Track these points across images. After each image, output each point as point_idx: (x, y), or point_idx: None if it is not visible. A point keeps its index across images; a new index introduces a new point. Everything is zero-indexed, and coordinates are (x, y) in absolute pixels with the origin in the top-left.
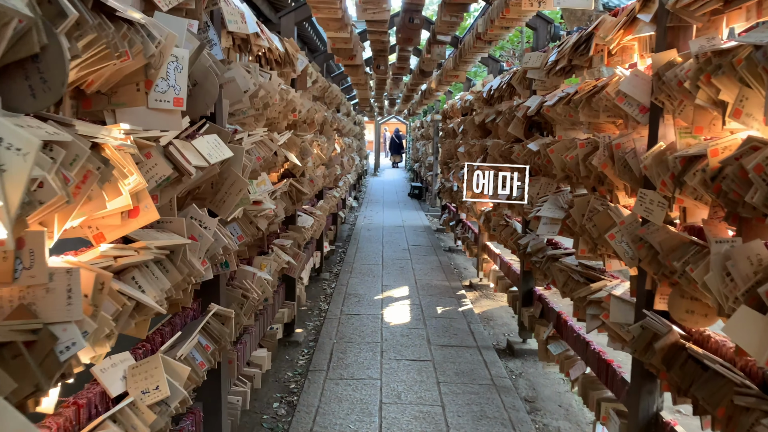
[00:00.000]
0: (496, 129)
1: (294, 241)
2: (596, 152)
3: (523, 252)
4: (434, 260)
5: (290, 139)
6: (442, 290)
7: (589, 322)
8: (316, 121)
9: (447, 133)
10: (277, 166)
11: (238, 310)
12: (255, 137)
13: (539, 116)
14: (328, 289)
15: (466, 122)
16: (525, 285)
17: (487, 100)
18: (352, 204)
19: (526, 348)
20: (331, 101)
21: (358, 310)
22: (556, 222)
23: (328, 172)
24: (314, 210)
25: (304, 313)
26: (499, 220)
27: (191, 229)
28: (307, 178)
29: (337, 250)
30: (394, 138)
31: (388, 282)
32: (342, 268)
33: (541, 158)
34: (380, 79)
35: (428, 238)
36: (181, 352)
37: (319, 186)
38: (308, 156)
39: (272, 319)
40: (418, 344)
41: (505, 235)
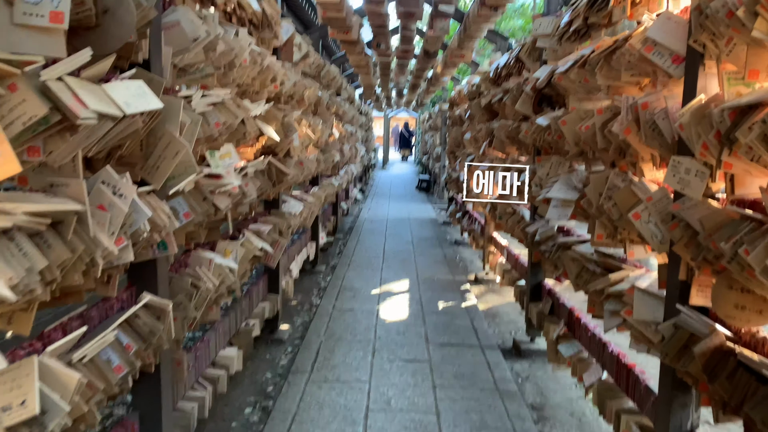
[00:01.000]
0: (503, 109)
1: (274, 227)
2: (617, 118)
3: (531, 241)
4: (439, 253)
5: (269, 112)
6: (445, 285)
7: (608, 320)
8: (307, 98)
9: (454, 121)
10: (247, 138)
11: (187, 303)
12: (212, 98)
13: (550, 88)
14: (323, 282)
15: (472, 106)
16: (533, 278)
17: (494, 79)
18: (357, 196)
19: (534, 348)
20: (329, 83)
21: (352, 306)
22: (569, 204)
23: (325, 157)
24: (306, 196)
25: (292, 308)
26: (505, 207)
27: (99, 197)
28: (294, 159)
29: (337, 242)
30: (403, 131)
31: (388, 276)
32: (340, 260)
33: (551, 134)
34: (384, 63)
35: (434, 231)
36: (80, 354)
37: (311, 170)
38: (292, 133)
39: (248, 314)
40: (414, 343)
41: (512, 223)
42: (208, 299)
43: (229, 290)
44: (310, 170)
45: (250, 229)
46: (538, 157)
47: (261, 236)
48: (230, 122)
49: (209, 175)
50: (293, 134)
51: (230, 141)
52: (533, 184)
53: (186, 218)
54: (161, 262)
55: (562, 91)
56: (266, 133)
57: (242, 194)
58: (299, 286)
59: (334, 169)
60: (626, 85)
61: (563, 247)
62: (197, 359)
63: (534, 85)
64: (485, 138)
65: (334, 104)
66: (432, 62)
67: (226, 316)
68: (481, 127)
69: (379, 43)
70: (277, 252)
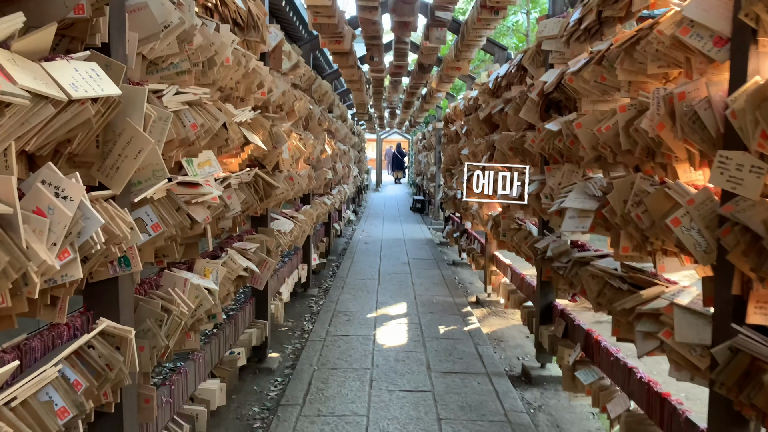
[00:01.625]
0: (505, 120)
1: (261, 246)
2: (644, 115)
3: (540, 258)
4: (437, 274)
5: (256, 120)
6: (445, 307)
7: (641, 343)
8: (298, 110)
9: (449, 138)
10: (231, 146)
11: (156, 329)
12: (187, 95)
13: (559, 92)
14: (315, 306)
15: (470, 120)
16: (543, 298)
17: (494, 90)
18: (350, 217)
19: (545, 374)
20: (320, 98)
21: (346, 331)
22: (587, 215)
23: (317, 174)
24: (297, 214)
25: (282, 334)
26: (509, 223)
27: (37, 199)
28: (283, 174)
29: (330, 264)
30: (396, 153)
31: (385, 298)
32: (333, 283)
33: (563, 140)
34: (377, 79)
35: (430, 252)
36: (7, 396)
37: (302, 187)
38: (281, 144)
39: (233, 342)
40: (415, 371)
41: (518, 239)
42: (182, 325)
43: (208, 315)
44: (301, 187)
45: (234, 247)
46: (547, 166)
47: (246, 255)
48: (209, 125)
49: (185, 183)
50: (283, 146)
51: (210, 148)
52: (543, 195)
53: (155, 231)
54: (124, 281)
55: (573, 95)
56: (252, 142)
57: (224, 206)
58: (290, 311)
59: (326, 187)
60: (651, 80)
61: (580, 263)
62: (173, 394)
63: (541, 89)
64: (485, 152)
65: (326, 120)
66: (426, 77)
67: (207, 344)
68: (480, 142)
69: (373, 56)
70: (264, 272)
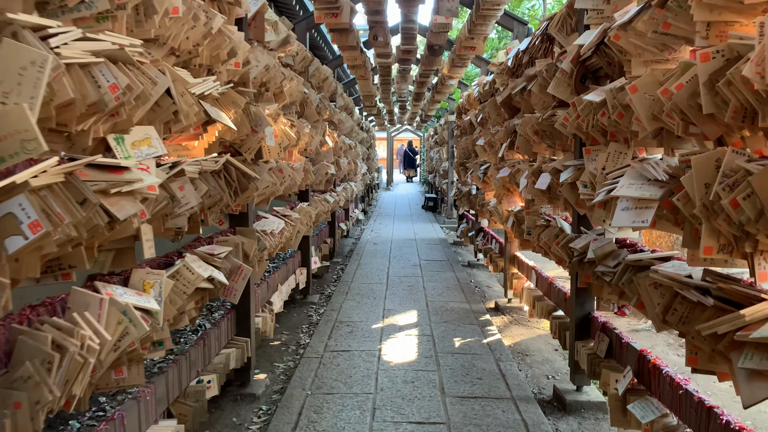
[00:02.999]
0: (527, 101)
1: (235, 250)
2: (742, 63)
3: (578, 260)
4: (451, 277)
5: (226, 95)
6: (460, 315)
7: (747, 387)
8: (288, 93)
9: (463, 130)
10: (184, 123)
11: (42, 375)
12: (103, 44)
13: (599, 56)
14: (315, 315)
15: (486, 107)
16: (579, 309)
17: (514, 69)
18: (359, 217)
19: (583, 400)
20: (320, 84)
21: (348, 345)
22: (647, 205)
23: (315, 168)
24: (290, 213)
25: (274, 350)
26: (535, 219)
27: None
28: (269, 165)
29: (334, 267)
30: (407, 151)
31: (393, 305)
32: (336, 288)
33: (608, 113)
34: (383, 66)
35: (444, 252)
36: None
37: (295, 181)
38: (263, 128)
39: (203, 367)
40: (427, 395)
41: (547, 238)
42: (88, 366)
43: (152, 342)
44: (295, 181)
45: (197, 252)
46: (586, 149)
47: (212, 261)
48: (139, 89)
49: (100, 166)
50: (266, 130)
51: (152, 122)
52: (580, 184)
53: (34, 231)
54: None
55: (618, 57)
56: (217, 119)
57: (169, 200)
58: (285, 321)
59: (328, 183)
60: (741, 18)
61: (635, 267)
62: None
63: (576, 55)
64: (504, 139)
65: (327, 109)
66: (437, 62)
67: (162, 375)
68: (498, 130)
69: (377, 35)
70: (239, 282)
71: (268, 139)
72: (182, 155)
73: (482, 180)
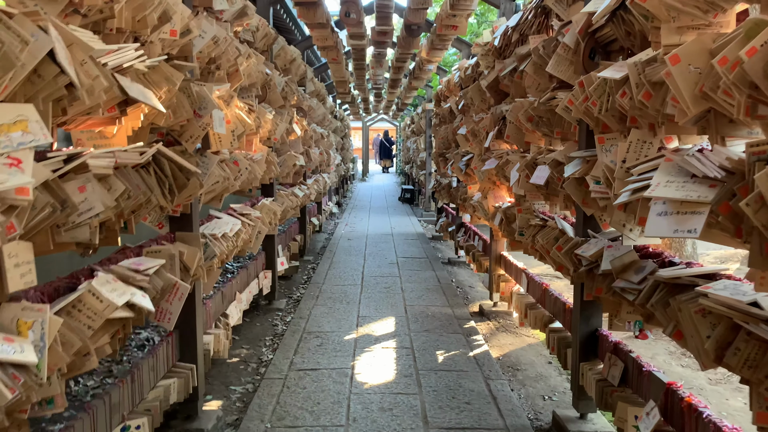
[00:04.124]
0: (518, 85)
1: (170, 262)
2: None
3: (586, 270)
4: (430, 276)
5: (157, 69)
6: (442, 321)
7: None
8: (245, 72)
9: (442, 119)
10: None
11: None
12: None
13: (614, 25)
14: (280, 324)
15: (469, 91)
16: (584, 324)
17: (501, 49)
18: (333, 210)
19: (589, 431)
20: (286, 66)
21: (317, 362)
22: (695, 209)
23: (281, 159)
24: (250, 211)
25: (231, 369)
26: (528, 218)
27: None
28: (219, 156)
29: (305, 266)
30: (383, 141)
31: (368, 311)
32: (306, 291)
33: (630, 93)
34: (357, 50)
35: (422, 249)
36: None
37: (255, 174)
38: (208, 111)
39: (131, 408)
40: (407, 427)
41: (545, 241)
42: None
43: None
44: (255, 174)
45: (114, 270)
46: (599, 137)
47: (134, 281)
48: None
49: None
50: (213, 114)
51: (30, 98)
52: (590, 179)
53: None
54: None
55: (641, 25)
56: (139, 99)
57: (58, 206)
58: (246, 332)
59: (296, 176)
60: None
61: (670, 286)
62: None
63: (585, 25)
64: (490, 127)
65: (295, 94)
66: (415, 44)
67: (67, 430)
68: (482, 117)
69: (349, 12)
70: (173, 303)
71: (217, 126)
72: (99, 145)
73: (464, 172)
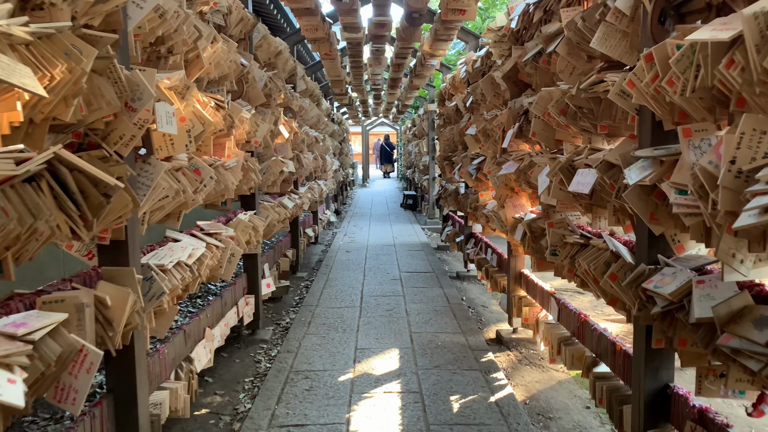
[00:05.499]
0: (544, 71)
1: (77, 315)
2: None
3: (662, 312)
4: (438, 295)
5: (55, 40)
6: (455, 353)
7: None
8: (210, 59)
9: (447, 119)
10: None
11: None
12: None
13: None
14: (264, 360)
15: (480, 86)
16: (651, 378)
17: (519, 33)
18: (331, 219)
19: None
20: (271, 59)
21: (304, 414)
22: None
23: (264, 166)
24: (220, 229)
25: (198, 426)
26: (562, 234)
27: None
28: (170, 164)
29: (298, 284)
30: (384, 145)
31: (367, 341)
32: (297, 316)
33: (744, 61)
34: (353, 44)
35: (427, 261)
36: None
37: (227, 185)
38: (144, 104)
39: None
40: None
41: (591, 265)
42: None
43: None
44: (226, 184)
45: None
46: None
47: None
48: None
49: None
50: (156, 108)
51: None
52: (671, 186)
53: None
54: None
55: None
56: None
57: None
58: (222, 370)
59: (286, 184)
60: None
61: None
62: None
63: None
64: (509, 125)
65: (281, 91)
66: (416, 36)
67: None
68: (495, 114)
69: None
70: (80, 376)
71: (163, 123)
72: None
73: (474, 177)
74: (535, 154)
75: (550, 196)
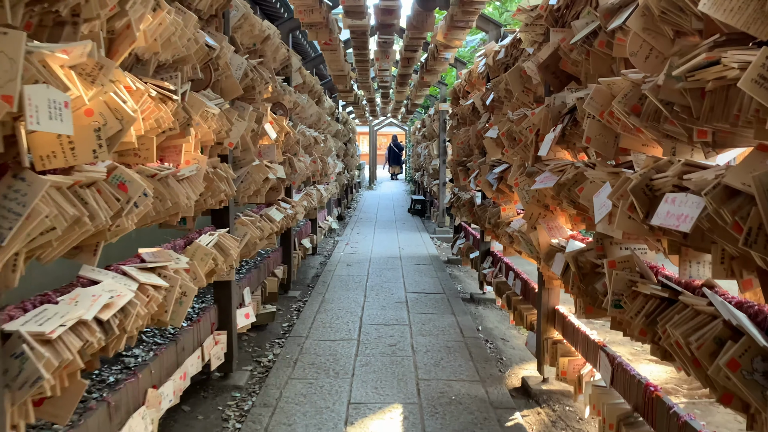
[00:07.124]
0: (601, 57)
1: None
2: None
3: None
4: (450, 325)
5: None
6: (473, 414)
7: None
8: (156, 35)
9: (462, 119)
10: None
11: None
12: None
13: None
14: (233, 417)
15: (506, 78)
16: None
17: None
18: (332, 225)
19: None
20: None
21: None
22: None
23: (241, 173)
24: (166, 260)
25: None
26: (630, 279)
27: None
28: (59, 178)
29: (288, 307)
30: (392, 147)
31: (364, 391)
32: (282, 351)
33: None
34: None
35: (437, 279)
36: None
37: (176, 200)
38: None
39: None
40: None
41: (695, 343)
42: None
43: None
44: (175, 199)
45: None
46: None
47: None
48: None
49: None
50: (28, 93)
51: None
52: None
53: None
54: None
55: None
56: None
57: None
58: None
59: (274, 192)
60: None
61: None
62: None
63: None
64: (547, 127)
65: (268, 84)
66: (428, 25)
67: None
68: (522, 113)
69: None
70: None
71: (41, 118)
72: None
73: (495, 188)
74: (582, 165)
75: (615, 226)
